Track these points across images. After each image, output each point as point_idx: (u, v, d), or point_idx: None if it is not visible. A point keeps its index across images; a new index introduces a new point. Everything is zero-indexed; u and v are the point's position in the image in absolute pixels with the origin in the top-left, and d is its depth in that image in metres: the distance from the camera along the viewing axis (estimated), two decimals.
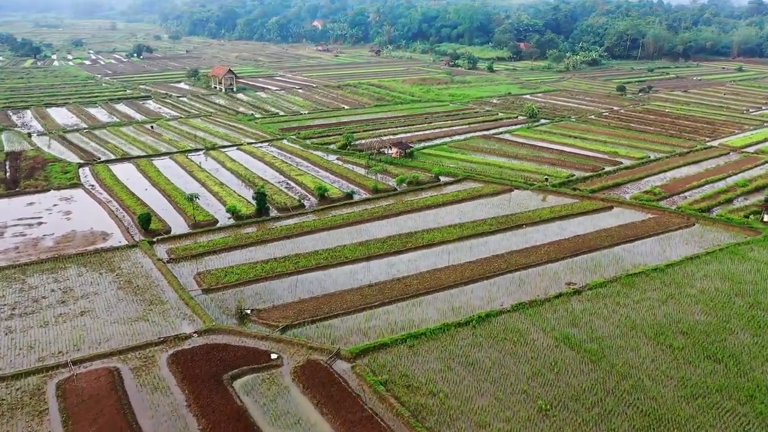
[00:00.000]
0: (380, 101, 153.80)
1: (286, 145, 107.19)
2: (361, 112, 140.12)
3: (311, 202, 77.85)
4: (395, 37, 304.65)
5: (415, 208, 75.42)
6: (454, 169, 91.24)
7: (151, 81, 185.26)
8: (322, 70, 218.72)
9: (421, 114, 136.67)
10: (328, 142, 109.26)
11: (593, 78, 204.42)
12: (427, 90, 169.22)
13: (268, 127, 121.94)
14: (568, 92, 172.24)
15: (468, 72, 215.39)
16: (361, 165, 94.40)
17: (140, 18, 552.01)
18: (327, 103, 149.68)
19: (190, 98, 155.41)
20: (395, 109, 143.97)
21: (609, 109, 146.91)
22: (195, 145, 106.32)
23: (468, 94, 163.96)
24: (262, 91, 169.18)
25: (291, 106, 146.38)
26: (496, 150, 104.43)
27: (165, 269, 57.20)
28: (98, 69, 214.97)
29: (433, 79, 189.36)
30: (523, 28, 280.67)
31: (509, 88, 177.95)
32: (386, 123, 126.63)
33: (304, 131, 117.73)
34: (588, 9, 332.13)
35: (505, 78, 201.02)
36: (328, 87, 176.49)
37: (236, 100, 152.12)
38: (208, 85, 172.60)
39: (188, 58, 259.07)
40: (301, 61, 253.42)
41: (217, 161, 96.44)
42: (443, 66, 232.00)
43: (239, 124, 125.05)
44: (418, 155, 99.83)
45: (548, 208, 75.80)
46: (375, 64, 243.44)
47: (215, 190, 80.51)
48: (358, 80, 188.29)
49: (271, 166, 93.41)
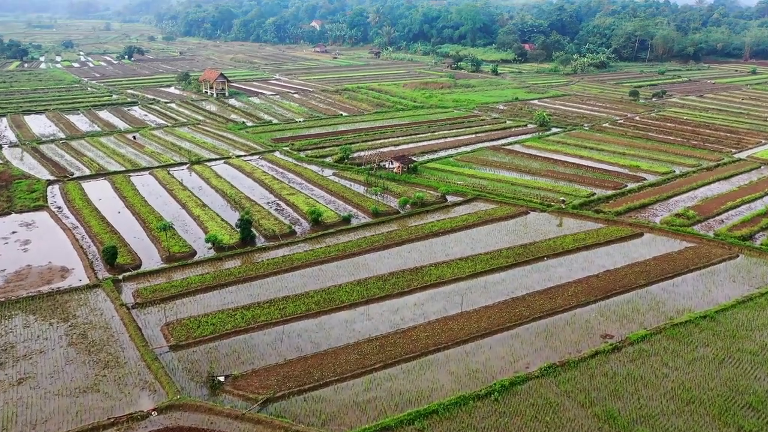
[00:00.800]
0: (380, 107, 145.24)
1: (278, 158, 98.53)
2: (359, 119, 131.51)
3: (303, 227, 69.26)
4: (395, 39, 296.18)
5: (420, 235, 66.79)
6: (462, 187, 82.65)
7: (140, 85, 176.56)
8: (319, 73, 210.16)
9: (423, 122, 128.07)
10: (324, 154, 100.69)
11: (602, 81, 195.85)
12: (430, 95, 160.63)
13: (259, 137, 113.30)
14: (577, 97, 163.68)
15: (471, 75, 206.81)
16: (360, 182, 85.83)
17: (136, 18, 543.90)
18: (324, 110, 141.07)
19: (178, 104, 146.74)
20: (396, 116, 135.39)
21: (623, 116, 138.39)
22: (179, 159, 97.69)
23: (473, 100, 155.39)
24: (256, 96, 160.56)
25: (285, 113, 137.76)
26: (506, 164, 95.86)
27: (128, 318, 48.56)
28: (86, 72, 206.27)
29: (436, 83, 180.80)
30: (528, 29, 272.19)
31: (516, 92, 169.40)
32: (387, 132, 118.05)
33: (298, 142, 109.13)
34: (593, 9, 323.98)
35: (511, 81, 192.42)
36: (326, 92, 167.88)
37: (227, 107, 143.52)
38: (198, 90, 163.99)
39: (181, 60, 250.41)
40: (297, 63, 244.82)
41: (201, 177, 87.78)
42: (445, 69, 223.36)
43: (229, 133, 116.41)
44: (422, 170, 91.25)
45: (570, 235, 67.18)
46: (374, 66, 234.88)
47: (196, 214, 71.88)
48: (357, 84, 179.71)
49: (261, 184, 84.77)
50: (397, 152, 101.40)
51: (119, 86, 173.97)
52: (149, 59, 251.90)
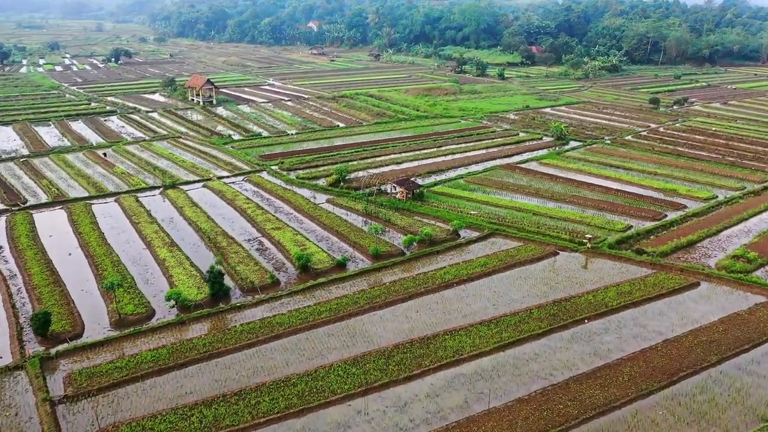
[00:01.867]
0: (380, 117, 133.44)
1: (264, 181, 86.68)
2: (358, 131, 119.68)
3: (290, 274, 57.50)
4: (396, 40, 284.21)
5: (430, 287, 54.98)
6: (477, 219, 70.94)
7: (123, 91, 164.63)
8: (315, 78, 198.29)
9: (428, 135, 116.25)
10: (318, 174, 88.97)
11: (616, 87, 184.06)
12: (433, 103, 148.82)
13: (246, 153, 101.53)
14: (593, 105, 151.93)
15: (477, 80, 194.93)
16: (358, 212, 74.13)
17: (130, 19, 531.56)
18: (319, 120, 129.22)
19: (161, 114, 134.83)
20: (398, 127, 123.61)
21: (646, 127, 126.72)
22: (152, 181, 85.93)
23: (480, 108, 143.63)
24: (246, 103, 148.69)
25: (277, 124, 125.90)
26: (524, 187, 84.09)
27: (50, 421, 36.82)
28: (68, 77, 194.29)
29: (440, 89, 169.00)
30: (534, 31, 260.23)
31: (526, 99, 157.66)
32: (388, 147, 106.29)
33: (289, 159, 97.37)
34: (600, 9, 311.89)
35: (519, 87, 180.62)
36: (321, 99, 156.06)
37: (214, 117, 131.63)
38: (184, 98, 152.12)
39: (171, 63, 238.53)
40: (293, 66, 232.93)
41: (174, 205, 75.97)
42: (449, 73, 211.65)
43: (212, 149, 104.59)
44: (429, 196, 79.51)
45: (613, 286, 55.38)
46: (374, 69, 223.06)
47: (162, 256, 60.12)
48: (355, 90, 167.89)
49: (243, 214, 73.00)
50: (399, 173, 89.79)
51: (100, 92, 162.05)
52: (137, 62, 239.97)
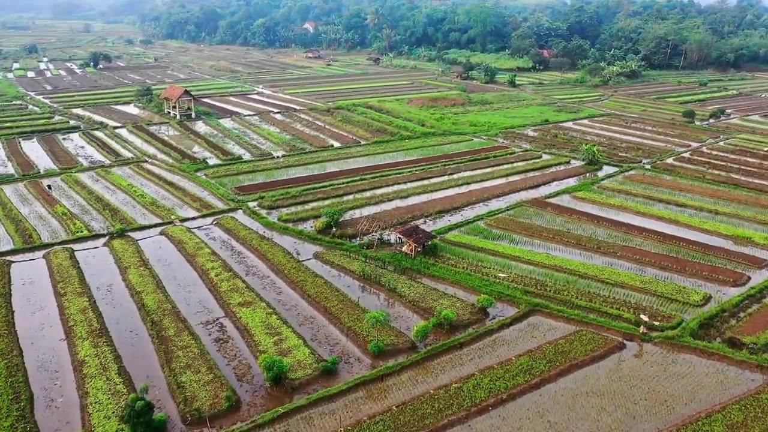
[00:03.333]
0: (381, 134, 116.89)
1: (238, 226, 69.90)
2: (354, 152, 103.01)
3: (256, 388, 40.95)
4: (396, 43, 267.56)
5: (454, 416, 38.33)
6: (508, 285, 54.64)
7: (94, 102, 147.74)
8: (309, 85, 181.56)
9: (437, 158, 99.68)
10: (304, 215, 72.42)
11: (640, 96, 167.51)
12: (441, 116, 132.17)
13: (221, 183, 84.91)
14: (619, 118, 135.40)
15: (485, 87, 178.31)
16: (353, 273, 57.70)
17: (121, 19, 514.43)
18: (310, 138, 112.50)
19: (130, 130, 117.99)
20: (401, 147, 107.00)
21: (685, 146, 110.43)
22: (100, 224, 69.32)
23: (493, 122, 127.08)
24: (230, 117, 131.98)
25: (261, 143, 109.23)
26: (561, 233, 67.60)
27: None
28: (37, 84, 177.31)
29: (446, 99, 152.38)
30: (544, 33, 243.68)
31: (542, 111, 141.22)
32: (390, 174, 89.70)
33: (271, 192, 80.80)
34: (612, 9, 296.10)
35: (533, 96, 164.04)
36: (315, 111, 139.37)
37: (189, 134, 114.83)
38: (160, 109, 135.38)
39: (155, 68, 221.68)
40: (286, 71, 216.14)
41: (118, 264, 59.33)
42: (455, 79, 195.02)
43: (181, 177, 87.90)
44: (444, 248, 63.00)
45: (717, 412, 38.81)
46: (373, 75, 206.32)
47: (81, 356, 43.56)
48: (353, 99, 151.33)
49: (203, 278, 56.43)
50: (405, 212, 73.23)
51: (68, 103, 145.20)
52: (118, 67, 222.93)
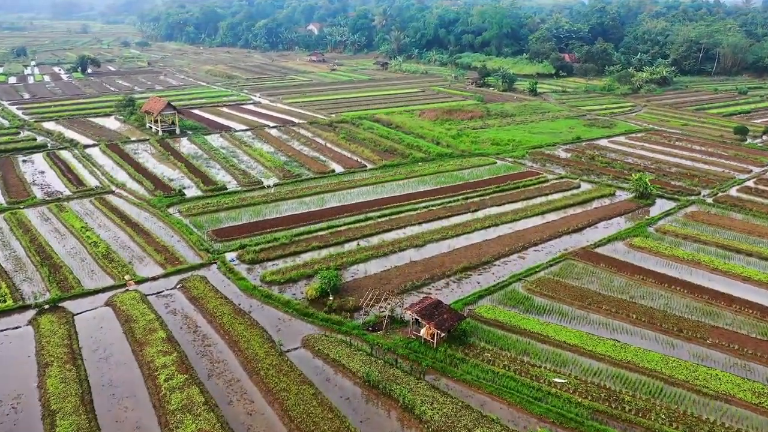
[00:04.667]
0: (390, 155, 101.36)
1: (208, 292, 54.38)
2: (359, 180, 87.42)
3: None
4: (405, 46, 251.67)
5: None
6: (569, 402, 39.11)
7: (71, 113, 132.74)
8: (311, 93, 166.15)
9: (456, 188, 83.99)
10: (295, 275, 57.10)
11: (677, 107, 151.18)
12: (457, 132, 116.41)
13: (196, 224, 69.57)
14: (659, 134, 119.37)
15: (504, 96, 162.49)
16: (354, 376, 42.31)
17: (121, 19, 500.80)
18: (308, 161, 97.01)
19: (102, 150, 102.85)
20: (414, 173, 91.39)
21: (745, 171, 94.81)
22: (34, 287, 54.13)
23: (518, 140, 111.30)
24: (219, 132, 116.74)
25: (252, 167, 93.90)
26: (624, 304, 52.01)
27: None
28: (14, 92, 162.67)
29: (462, 110, 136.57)
30: (564, 35, 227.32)
31: (572, 125, 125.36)
32: (401, 211, 74.12)
33: (256, 238, 65.50)
34: (633, 10, 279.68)
35: (559, 107, 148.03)
36: (316, 125, 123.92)
37: (169, 155, 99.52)
38: (143, 123, 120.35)
39: (146, 73, 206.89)
40: (287, 77, 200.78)
41: (39, 357, 44.03)
42: (469, 86, 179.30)
43: (150, 216, 72.63)
44: (476, 329, 47.45)
45: None
46: (381, 82, 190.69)
47: None
48: (358, 111, 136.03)
49: (149, 382, 41.07)
50: (420, 269, 57.67)
51: (42, 115, 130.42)
52: (107, 72, 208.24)
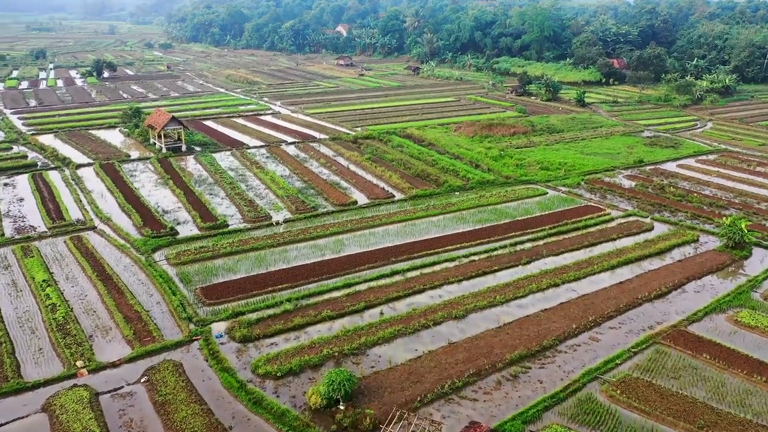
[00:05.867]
0: (422, 182, 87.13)
1: (180, 391, 40.76)
2: (384, 216, 73.20)
3: None
4: (438, 49, 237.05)
5: None
6: None
7: (73, 125, 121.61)
8: (336, 103, 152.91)
9: (502, 227, 69.28)
10: (296, 364, 43.29)
11: (746, 122, 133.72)
12: (499, 153, 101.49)
13: (184, 277, 56.37)
14: (735, 156, 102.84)
15: (548, 107, 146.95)
16: None
17: (150, 20, 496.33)
18: (327, 189, 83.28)
19: (97, 170, 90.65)
20: (451, 207, 76.80)
21: None
22: None
23: (570, 163, 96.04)
24: (231, 149, 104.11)
25: (261, 194, 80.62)
26: (742, 425, 36.89)
27: None
28: (21, 99, 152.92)
29: (503, 125, 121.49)
30: (611, 39, 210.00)
31: (630, 144, 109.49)
32: (436, 264, 59.84)
33: (253, 299, 52.04)
34: (683, 12, 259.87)
35: (612, 120, 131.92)
36: (338, 141, 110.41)
37: (169, 179, 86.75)
38: (147, 138, 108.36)
39: (164, 78, 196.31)
40: (312, 83, 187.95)
41: None
42: (509, 94, 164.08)
43: (131, 263, 59.63)
44: None
45: None
46: (412, 89, 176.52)
47: None
48: (387, 124, 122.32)
49: None
50: (461, 366, 43.31)
51: (42, 126, 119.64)
52: (124, 76, 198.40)
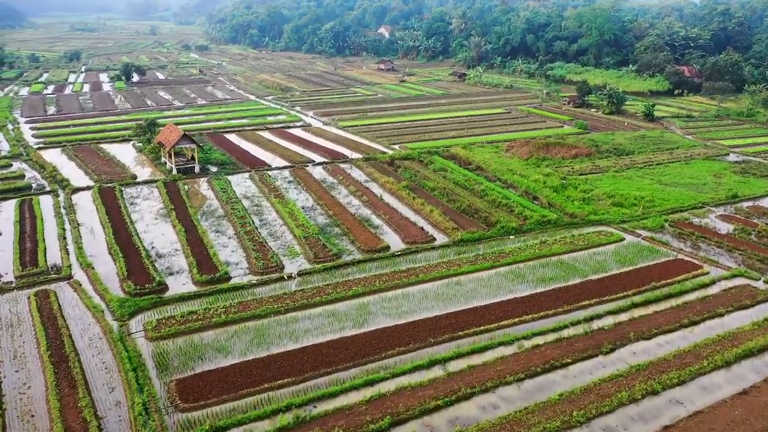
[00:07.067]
0: (468, 219, 72.33)
1: None
2: (423, 274, 58.54)
3: None
4: (486, 53, 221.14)
5: None
6: None
7: (84, 137, 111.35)
8: (373, 112, 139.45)
9: (572, 291, 54.04)
10: None
11: None
12: (560, 183, 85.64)
13: (160, 357, 43.27)
14: None
15: (611, 121, 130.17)
16: None
17: (192, 20, 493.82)
18: (354, 228, 69.39)
19: (93, 197, 79.26)
20: (504, 256, 61.82)
21: None
22: None
23: (647, 196, 79.65)
24: (250, 171, 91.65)
25: (274, 234, 67.24)
26: None
27: None
28: (41, 105, 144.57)
29: (562, 144, 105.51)
30: (680, 44, 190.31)
31: (717, 172, 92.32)
32: (487, 351, 45.23)
33: (241, 410, 38.57)
34: (757, 13, 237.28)
35: (688, 139, 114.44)
36: (372, 162, 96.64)
37: (172, 210, 74.29)
38: (158, 156, 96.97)
39: (194, 83, 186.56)
40: (349, 90, 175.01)
41: None
42: (565, 105, 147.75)
43: (95, 337, 46.82)
44: None
45: None
46: (457, 98, 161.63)
47: None
48: (429, 141, 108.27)
49: None
50: None
51: (51, 138, 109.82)
52: (154, 81, 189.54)
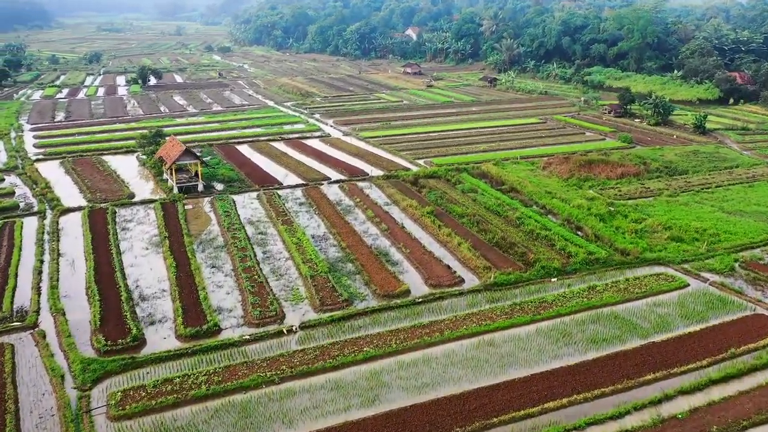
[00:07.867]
0: (501, 254, 62.29)
1: None
2: (449, 330, 48.93)
3: None
4: (519, 56, 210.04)
5: None
6: None
7: (87, 147, 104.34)
8: (397, 121, 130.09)
9: (631, 358, 43.73)
10: None
11: None
12: (606, 210, 75.10)
13: None
14: None
15: (657, 133, 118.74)
16: None
17: (219, 21, 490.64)
18: (370, 263, 60.10)
19: (82, 220, 71.53)
20: (545, 307, 51.78)
21: None
22: None
23: (710, 229, 68.69)
24: (258, 190, 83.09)
25: (278, 271, 58.43)
26: None
27: None
28: (50, 110, 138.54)
29: (606, 161, 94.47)
30: (729, 47, 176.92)
31: None
32: None
33: None
34: None
35: (747, 156, 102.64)
36: (394, 181, 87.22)
37: (166, 239, 66.06)
38: (160, 171, 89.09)
39: (211, 87, 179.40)
40: (373, 95, 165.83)
41: None
42: (606, 114, 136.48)
43: (46, 416, 38.39)
44: None
45: None
46: (488, 106, 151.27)
47: None
48: (457, 156, 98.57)
49: None
50: None
51: (51, 148, 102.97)
52: (171, 84, 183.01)
